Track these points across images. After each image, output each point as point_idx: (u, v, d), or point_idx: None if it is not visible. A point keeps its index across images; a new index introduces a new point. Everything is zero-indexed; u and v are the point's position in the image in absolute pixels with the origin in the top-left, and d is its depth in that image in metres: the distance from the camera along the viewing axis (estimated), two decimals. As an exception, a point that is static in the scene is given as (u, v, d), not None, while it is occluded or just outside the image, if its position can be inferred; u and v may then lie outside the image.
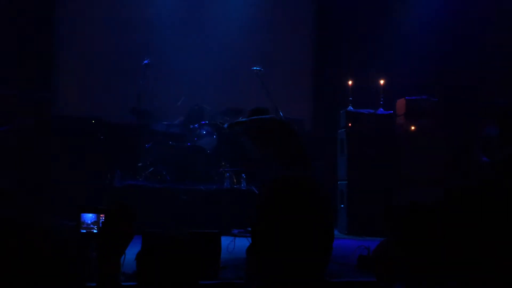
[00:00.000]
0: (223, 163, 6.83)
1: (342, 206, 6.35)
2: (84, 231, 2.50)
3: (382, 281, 2.23)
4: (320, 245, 1.06)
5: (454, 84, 7.35)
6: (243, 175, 6.68)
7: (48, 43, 7.39)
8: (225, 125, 4.96)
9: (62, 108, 7.33)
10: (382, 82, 6.50)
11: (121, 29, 7.59)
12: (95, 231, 2.41)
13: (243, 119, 4.90)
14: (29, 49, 7.01)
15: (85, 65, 7.53)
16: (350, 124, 6.34)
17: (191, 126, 7.03)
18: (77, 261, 0.69)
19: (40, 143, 6.67)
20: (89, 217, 2.42)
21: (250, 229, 5.80)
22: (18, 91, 6.53)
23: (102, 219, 2.31)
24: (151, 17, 7.68)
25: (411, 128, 6.37)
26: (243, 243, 4.46)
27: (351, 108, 6.43)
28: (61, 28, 7.56)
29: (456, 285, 1.21)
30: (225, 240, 3.73)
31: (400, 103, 6.56)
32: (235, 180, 6.72)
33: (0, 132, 5.21)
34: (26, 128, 5.28)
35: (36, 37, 7.14)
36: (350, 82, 6.51)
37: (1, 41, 6.82)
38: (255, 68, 6.14)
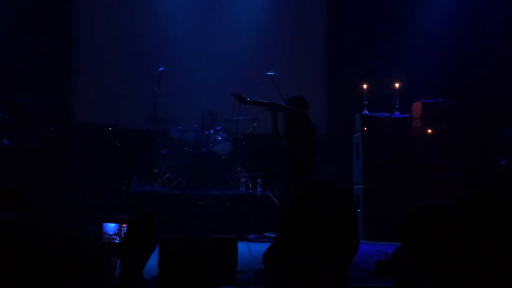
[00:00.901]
0: (238, 169, 6.85)
1: (359, 210, 6.31)
2: (106, 241, 2.51)
3: (401, 286, 2.21)
4: (344, 250, 1.05)
5: (471, 86, 7.26)
6: (258, 180, 6.68)
7: (66, 52, 7.51)
8: (247, 99, 4.97)
9: (79, 116, 7.44)
10: (397, 85, 6.46)
11: (136, 37, 7.68)
12: (116, 241, 2.42)
13: (266, 101, 4.93)
14: (47, 58, 7.13)
15: (102, 73, 7.63)
16: (365, 128, 6.30)
17: (206, 132, 7.06)
18: (99, 268, 0.70)
19: (59, 150, 6.77)
20: (111, 227, 2.42)
21: (267, 234, 5.79)
22: (36, 99, 6.65)
23: (124, 229, 2.32)
24: (165, 25, 7.76)
25: (427, 131, 6.31)
26: (259, 248, 4.46)
27: (366, 112, 6.40)
28: (78, 37, 7.68)
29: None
30: (241, 245, 3.73)
31: (416, 106, 6.50)
32: (250, 186, 6.73)
33: (24, 141, 5.30)
34: (49, 137, 5.37)
35: (54, 46, 7.26)
36: (365, 86, 6.48)
37: (20, 51, 6.96)
38: (269, 73, 6.16)
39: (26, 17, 7.04)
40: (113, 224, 2.36)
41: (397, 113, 6.40)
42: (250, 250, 4.33)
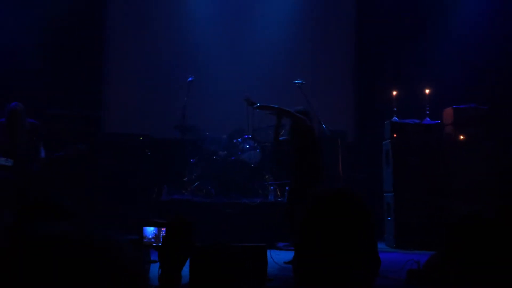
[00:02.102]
0: (266, 177, 6.86)
1: (389, 218, 6.22)
2: (146, 244, 2.57)
3: (434, 295, 2.17)
4: (365, 257, 1.05)
5: (504, 91, 7.08)
6: (287, 188, 6.67)
7: (98, 63, 7.72)
8: (257, 104, 5.06)
9: (111, 126, 7.61)
10: (427, 91, 6.36)
11: (166, 49, 7.83)
12: (155, 244, 2.47)
13: (276, 106, 5.00)
14: (80, 71, 7.36)
15: (132, 84, 7.80)
16: (395, 135, 6.22)
17: (235, 141, 7.11)
18: (138, 274, 0.72)
19: (91, 159, 6.94)
20: (150, 231, 2.49)
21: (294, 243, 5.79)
22: (70, 111, 6.86)
23: (162, 232, 2.38)
24: (194, 35, 7.87)
25: (459, 137, 6.18)
26: (288, 256, 4.45)
27: (396, 118, 6.32)
28: (109, 49, 7.89)
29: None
30: (270, 254, 3.73)
31: (448, 112, 6.38)
32: (279, 193, 6.72)
33: (58, 157, 5.47)
34: (81, 154, 5.52)
35: (86, 60, 7.49)
36: (394, 92, 6.40)
37: (53, 65, 7.19)
38: (297, 81, 6.17)
39: (60, 32, 7.28)
40: (151, 228, 2.42)
41: (428, 119, 6.30)
42: (273, 257, 4.33)
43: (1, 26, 6.92)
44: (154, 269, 2.28)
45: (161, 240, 2.51)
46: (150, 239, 2.47)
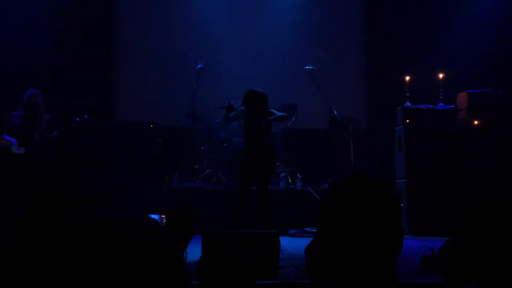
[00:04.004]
0: (278, 164, 6.83)
1: (402, 205, 6.17)
2: None
3: (448, 282, 2.14)
4: (388, 244, 1.03)
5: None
6: (298, 175, 6.65)
7: (108, 52, 7.72)
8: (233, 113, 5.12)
9: (122, 115, 7.63)
10: (441, 75, 6.24)
11: (174, 35, 7.78)
12: None
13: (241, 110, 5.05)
14: (90, 60, 7.36)
15: (142, 72, 7.79)
16: (408, 121, 6.14)
17: (245, 128, 7.08)
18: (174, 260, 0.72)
19: (102, 148, 6.98)
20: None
21: (307, 229, 5.77)
22: (81, 99, 6.88)
23: (164, 220, 2.39)
24: (203, 21, 7.81)
25: (474, 123, 6.07)
26: (300, 243, 4.43)
27: (409, 104, 6.23)
28: (118, 38, 7.87)
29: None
30: (282, 240, 3.72)
31: (462, 97, 6.26)
32: (290, 180, 6.70)
33: (65, 131, 5.52)
34: (86, 123, 5.59)
35: (96, 49, 7.49)
36: (407, 78, 6.30)
37: (64, 55, 7.20)
38: (307, 67, 6.10)
39: (70, 21, 7.28)
40: (154, 216, 2.44)
41: (441, 104, 6.20)
42: (285, 245, 4.31)
43: (12, 17, 6.93)
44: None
45: None
46: None
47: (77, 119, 5.59)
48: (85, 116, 5.59)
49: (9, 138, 5.05)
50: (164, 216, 2.37)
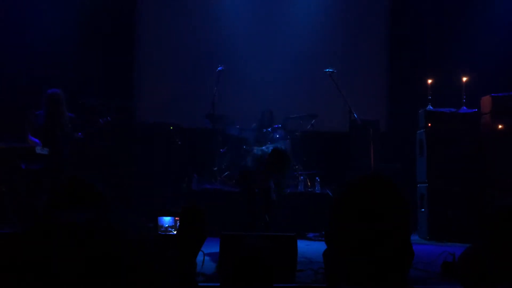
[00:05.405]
0: (296, 167, 6.81)
1: (423, 210, 6.07)
2: (163, 233, 2.61)
3: (470, 289, 2.09)
4: (399, 247, 1.01)
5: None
6: (317, 178, 6.61)
7: (130, 53, 7.82)
8: None
9: (142, 116, 7.71)
10: (464, 78, 6.13)
11: (195, 38, 7.84)
12: (172, 233, 2.51)
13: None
14: (112, 59, 7.46)
15: (163, 74, 7.86)
16: (429, 124, 6.05)
17: (264, 130, 7.08)
18: (155, 260, 0.71)
19: (123, 149, 7.06)
20: (166, 220, 2.52)
21: (324, 233, 5.79)
22: (103, 100, 6.98)
23: (178, 222, 2.41)
24: (223, 24, 7.85)
25: (498, 127, 5.95)
26: (319, 246, 4.41)
27: (431, 107, 6.14)
28: (140, 40, 7.96)
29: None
30: (300, 244, 3.70)
31: (486, 101, 6.14)
32: (309, 183, 6.67)
33: (89, 133, 5.61)
34: (108, 126, 5.69)
35: (118, 48, 7.59)
36: (429, 81, 6.21)
37: (87, 56, 7.32)
38: (327, 70, 6.07)
39: (92, 22, 7.40)
40: (168, 218, 2.46)
41: (464, 108, 6.09)
42: (303, 248, 4.29)
43: (36, 18, 7.08)
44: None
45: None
46: (167, 228, 2.51)
47: (101, 121, 5.68)
48: (109, 118, 5.68)
49: (34, 139, 5.15)
50: (177, 218, 2.39)
